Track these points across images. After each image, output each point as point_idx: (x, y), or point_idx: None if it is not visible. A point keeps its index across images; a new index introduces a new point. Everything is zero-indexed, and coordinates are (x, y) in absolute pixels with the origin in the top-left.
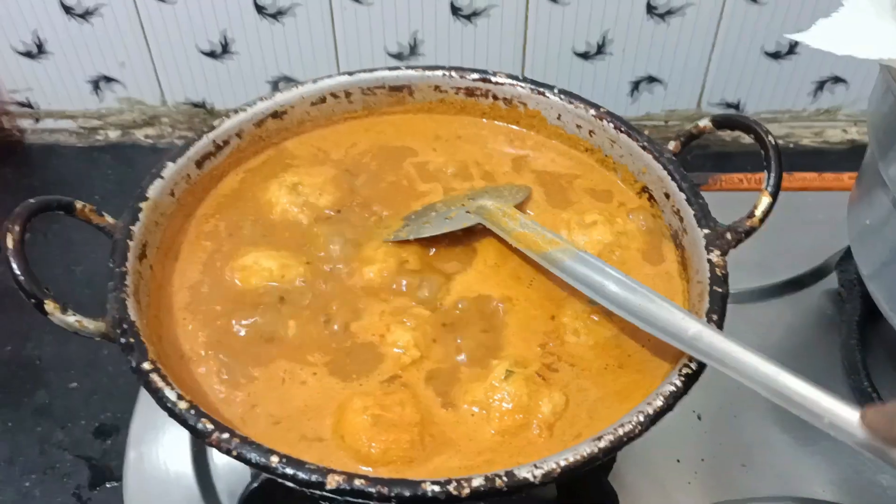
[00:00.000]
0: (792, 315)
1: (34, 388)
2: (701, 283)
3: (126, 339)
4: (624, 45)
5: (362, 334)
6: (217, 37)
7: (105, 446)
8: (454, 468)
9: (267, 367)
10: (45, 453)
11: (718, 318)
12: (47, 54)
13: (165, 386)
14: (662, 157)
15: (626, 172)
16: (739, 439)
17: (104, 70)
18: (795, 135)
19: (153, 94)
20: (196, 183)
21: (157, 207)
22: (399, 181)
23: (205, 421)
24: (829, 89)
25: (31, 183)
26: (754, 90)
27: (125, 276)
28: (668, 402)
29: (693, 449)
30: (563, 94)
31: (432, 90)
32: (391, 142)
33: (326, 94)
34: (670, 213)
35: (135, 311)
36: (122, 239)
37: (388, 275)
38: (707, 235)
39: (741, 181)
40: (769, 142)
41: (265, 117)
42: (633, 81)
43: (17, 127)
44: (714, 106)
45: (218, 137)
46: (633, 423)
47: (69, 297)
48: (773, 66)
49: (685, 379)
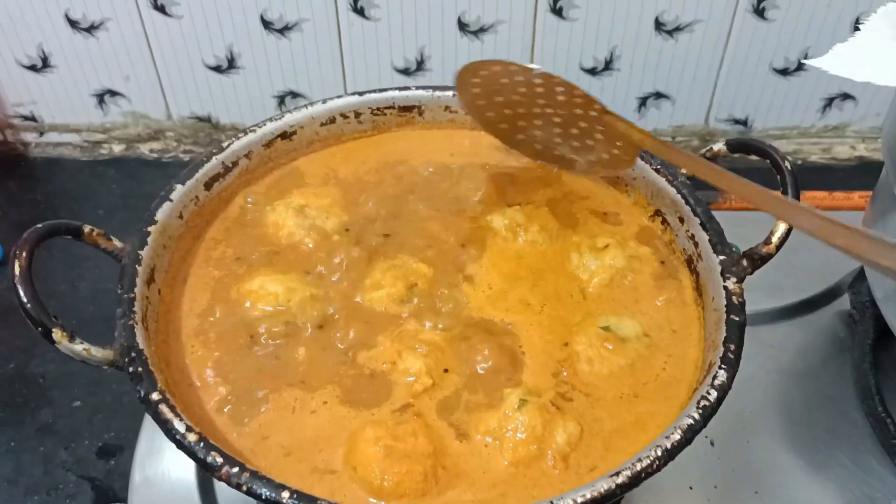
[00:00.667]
0: (803, 337)
1: (38, 407)
2: (717, 310)
3: (134, 369)
4: (632, 61)
5: (373, 362)
6: (223, 51)
7: (109, 466)
8: (467, 502)
9: (277, 395)
10: (49, 473)
11: (736, 347)
12: (52, 68)
13: (174, 417)
14: (676, 180)
15: (639, 195)
16: (752, 465)
17: (109, 84)
18: (803, 151)
19: (158, 108)
20: (204, 205)
21: (166, 230)
22: (407, 201)
23: (214, 454)
24: (838, 106)
25: (35, 197)
26: (762, 106)
27: (133, 302)
28: (686, 436)
29: (706, 475)
30: None
31: (442, 110)
32: (401, 160)
33: (336, 115)
34: (684, 237)
35: (143, 338)
36: (130, 264)
37: (397, 298)
38: (723, 262)
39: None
40: (786, 167)
41: (274, 138)
42: (641, 97)
43: (21, 140)
44: (722, 122)
45: (227, 159)
46: (651, 458)
47: (73, 315)
48: (781, 82)
49: (703, 411)
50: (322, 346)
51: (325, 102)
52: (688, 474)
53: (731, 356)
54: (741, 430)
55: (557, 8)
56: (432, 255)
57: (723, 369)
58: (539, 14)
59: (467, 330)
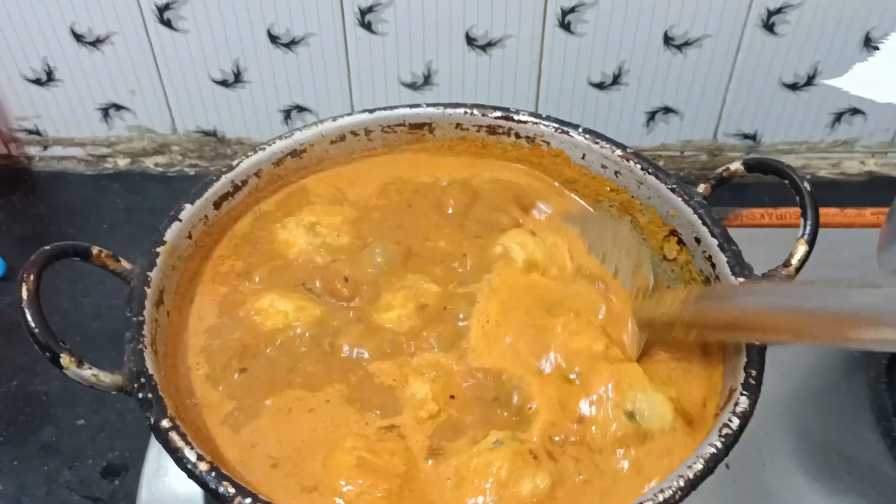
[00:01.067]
0: (817, 356)
1: (41, 425)
2: None
3: (144, 395)
4: (640, 76)
5: (382, 375)
6: (229, 66)
7: (113, 487)
8: None
9: (277, 398)
10: (52, 493)
11: (757, 373)
12: (56, 81)
13: (185, 445)
14: (692, 200)
15: (654, 215)
16: (768, 489)
17: (114, 98)
18: (812, 166)
19: (164, 122)
20: (213, 224)
21: (175, 251)
22: (418, 220)
23: (226, 484)
24: (847, 121)
25: (39, 211)
26: (771, 121)
27: (143, 325)
28: (708, 465)
29: (721, 499)
30: (588, 134)
31: (453, 128)
32: (413, 178)
33: (346, 133)
34: (701, 258)
35: (152, 362)
36: (139, 286)
37: (408, 320)
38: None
39: (762, 216)
40: (804, 188)
41: (284, 156)
42: (649, 112)
43: (25, 154)
44: (730, 136)
45: (236, 178)
46: (673, 489)
47: (77, 332)
48: (790, 97)
49: (725, 439)
50: (331, 361)
51: (336, 120)
52: (702, 498)
53: (752, 382)
54: (756, 452)
55: (566, 22)
56: (441, 273)
57: (744, 395)
58: (547, 29)
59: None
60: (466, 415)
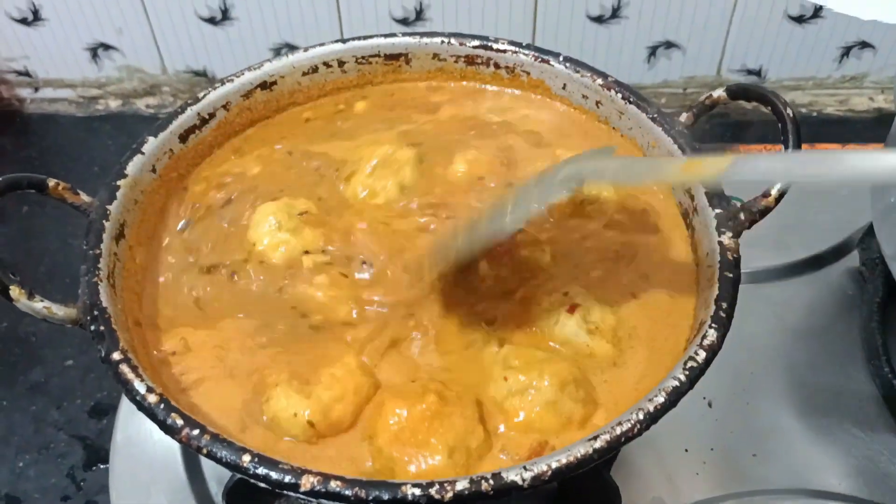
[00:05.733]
0: (811, 294)
1: (29, 366)
2: (711, 266)
3: (96, 327)
4: (640, 8)
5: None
6: (217, 2)
7: (100, 426)
8: None
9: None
10: (40, 432)
11: (728, 305)
12: (43, 21)
13: (135, 378)
14: (673, 129)
15: (635, 146)
16: (752, 428)
17: (101, 37)
18: (819, 103)
19: (153, 61)
20: (180, 157)
21: (137, 185)
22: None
23: (175, 416)
24: (856, 55)
25: (30, 154)
26: (776, 56)
27: (99, 258)
28: (670, 399)
29: (702, 438)
30: (569, 63)
31: (430, 58)
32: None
33: (318, 64)
34: (680, 190)
35: (108, 295)
36: (97, 219)
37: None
38: (718, 216)
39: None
40: (787, 114)
41: (253, 88)
42: (650, 47)
43: (17, 96)
44: (734, 72)
45: (203, 110)
46: (631, 422)
47: (65, 273)
48: (796, 30)
49: (689, 373)
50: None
51: (307, 50)
52: (683, 436)
53: (722, 315)
54: (741, 391)
55: None
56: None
57: (713, 328)
58: None
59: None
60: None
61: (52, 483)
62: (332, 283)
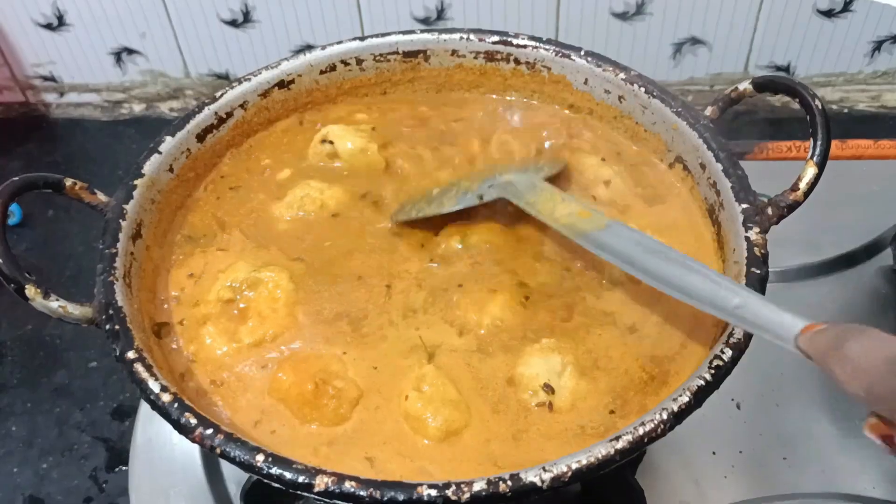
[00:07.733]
0: (843, 294)
1: (54, 368)
2: (738, 263)
3: (111, 326)
4: (665, 4)
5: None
6: (238, 4)
7: (123, 428)
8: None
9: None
10: (64, 434)
11: None
12: (68, 26)
13: (150, 377)
14: (698, 123)
15: (659, 141)
16: (781, 430)
17: (125, 42)
18: (850, 99)
19: (176, 65)
20: (197, 157)
21: (154, 184)
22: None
23: (188, 415)
24: (888, 49)
25: (55, 159)
26: (805, 51)
27: (115, 257)
28: (696, 398)
29: (730, 440)
30: (591, 57)
31: (449, 55)
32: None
33: (336, 62)
34: (706, 185)
35: (123, 294)
36: (114, 218)
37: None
38: (745, 210)
39: (790, 150)
40: (815, 106)
41: (271, 87)
42: (676, 43)
43: (43, 101)
44: (762, 69)
45: (220, 109)
46: (655, 422)
47: (90, 276)
48: (826, 25)
49: (716, 371)
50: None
51: (325, 49)
52: (711, 439)
53: None
54: (770, 392)
55: None
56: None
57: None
58: None
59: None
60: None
61: (75, 485)
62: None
